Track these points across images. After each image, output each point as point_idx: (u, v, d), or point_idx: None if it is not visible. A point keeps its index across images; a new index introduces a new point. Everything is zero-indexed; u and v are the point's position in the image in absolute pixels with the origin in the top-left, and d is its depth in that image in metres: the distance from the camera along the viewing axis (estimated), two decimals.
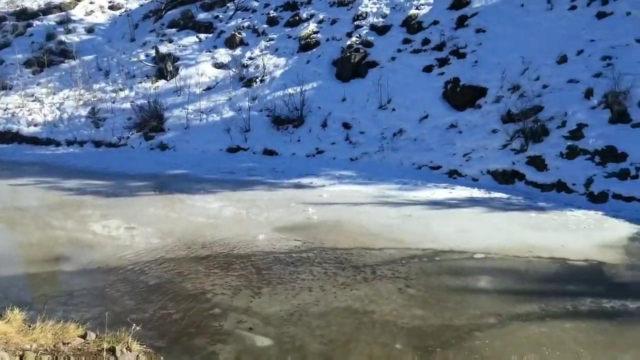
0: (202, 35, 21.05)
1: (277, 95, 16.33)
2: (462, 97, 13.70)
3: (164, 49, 20.45)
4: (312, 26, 19.14)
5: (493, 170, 11.12)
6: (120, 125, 17.18)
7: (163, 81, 19.11)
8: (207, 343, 4.28)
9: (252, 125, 15.58)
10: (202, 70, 18.88)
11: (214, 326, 4.57)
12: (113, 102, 18.42)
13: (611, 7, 13.87)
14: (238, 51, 19.50)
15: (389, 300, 5.14)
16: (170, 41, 21.10)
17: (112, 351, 3.40)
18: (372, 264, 6.12)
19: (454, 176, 11.46)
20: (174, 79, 18.93)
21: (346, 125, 14.64)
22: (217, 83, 18.37)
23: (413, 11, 17.71)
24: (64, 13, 24.34)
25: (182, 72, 19.14)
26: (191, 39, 21.00)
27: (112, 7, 25.49)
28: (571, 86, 12.12)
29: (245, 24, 20.70)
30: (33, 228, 7.69)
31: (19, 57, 21.62)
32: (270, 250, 6.60)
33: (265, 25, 20.33)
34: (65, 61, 21.30)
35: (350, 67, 16.59)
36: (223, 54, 19.61)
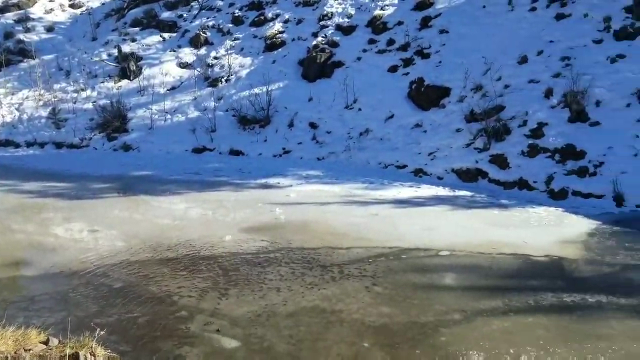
0: (166, 35, 20.77)
1: (243, 95, 16.24)
2: (427, 97, 13.87)
3: (126, 48, 20.10)
4: (277, 26, 19.10)
5: (457, 169, 11.30)
6: (82, 126, 16.81)
7: (126, 81, 18.78)
8: (174, 346, 4.24)
9: (218, 125, 15.46)
10: (167, 69, 18.63)
11: (181, 329, 4.52)
12: (74, 103, 18.00)
13: (569, 8, 14.27)
14: (203, 51, 19.31)
15: (356, 299, 5.18)
16: (133, 40, 20.76)
17: (75, 357, 3.33)
18: (339, 263, 6.15)
19: (419, 175, 11.61)
20: (137, 78, 18.62)
21: (313, 125, 14.66)
22: (181, 83, 18.15)
23: (378, 12, 17.85)
24: (22, 11, 23.67)
25: (146, 71, 18.86)
26: (155, 38, 20.70)
27: (72, 6, 24.92)
28: (532, 86, 12.41)
29: (210, 23, 20.52)
30: None
31: None
32: (237, 251, 6.56)
33: (231, 25, 20.19)
34: (24, 60, 20.71)
35: (316, 67, 16.62)
36: (188, 54, 19.39)
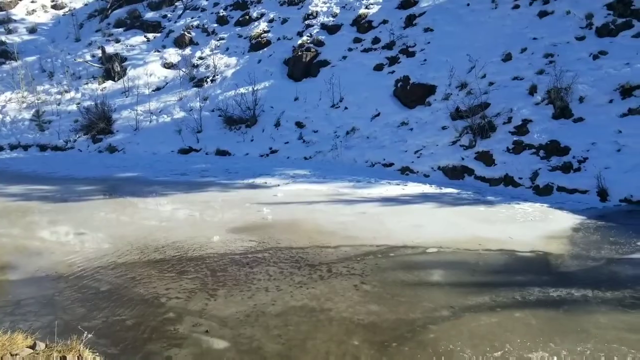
0: (150, 35, 20.66)
1: (229, 95, 16.21)
2: (412, 95, 13.94)
3: (110, 49, 19.97)
4: (262, 25, 19.08)
5: (443, 166, 11.36)
6: (66, 128, 16.67)
7: (110, 82, 18.65)
8: (163, 348, 4.22)
9: (204, 126, 15.40)
10: (151, 70, 18.54)
11: (169, 330, 4.50)
12: (58, 105, 17.84)
13: (552, 6, 14.42)
14: (188, 51, 19.24)
15: (344, 297, 5.19)
16: (117, 41, 20.62)
17: None
18: (327, 262, 6.16)
19: (406, 173, 11.65)
20: (121, 79, 18.51)
21: (299, 125, 14.66)
22: (166, 83, 18.07)
23: (363, 10, 17.90)
24: (3, 12, 23.40)
25: (130, 72, 18.74)
26: (139, 39, 20.58)
27: (55, 7, 24.70)
28: (516, 83, 12.53)
29: (195, 23, 20.45)
30: None
31: None
32: (225, 252, 6.55)
33: (215, 25, 20.14)
34: (7, 62, 20.48)
35: (302, 67, 16.63)
36: (172, 54, 19.30)
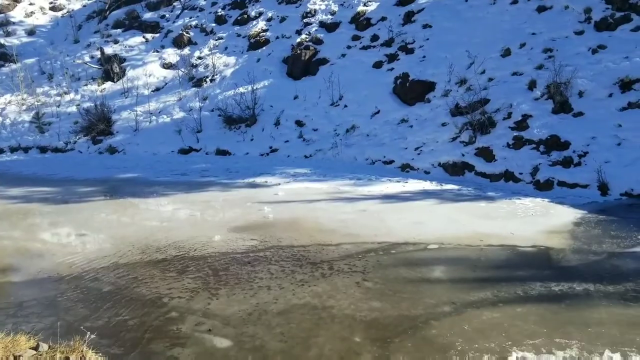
0: (149, 35, 20.66)
1: (228, 95, 16.21)
2: (412, 91, 13.93)
3: (109, 50, 19.97)
4: (261, 24, 19.07)
5: (444, 163, 11.36)
6: (66, 129, 16.67)
7: (110, 83, 18.66)
8: (166, 347, 4.22)
9: (203, 126, 15.41)
10: (150, 70, 18.53)
11: (172, 330, 4.51)
12: (58, 106, 17.84)
13: (550, 1, 14.41)
14: (186, 51, 19.23)
15: (346, 294, 5.19)
16: (116, 42, 20.62)
17: None
18: (329, 260, 6.16)
19: (406, 170, 11.65)
20: (121, 80, 18.51)
21: (299, 123, 14.65)
22: (166, 84, 18.07)
23: (361, 8, 17.89)
24: (2, 15, 23.40)
25: (130, 73, 18.74)
26: (137, 39, 20.58)
27: (53, 8, 24.68)
28: (515, 78, 12.52)
29: (193, 23, 20.44)
30: None
31: None
32: (226, 251, 6.55)
33: (214, 24, 20.13)
34: (6, 65, 20.48)
35: (301, 65, 16.62)
36: (171, 54, 19.30)
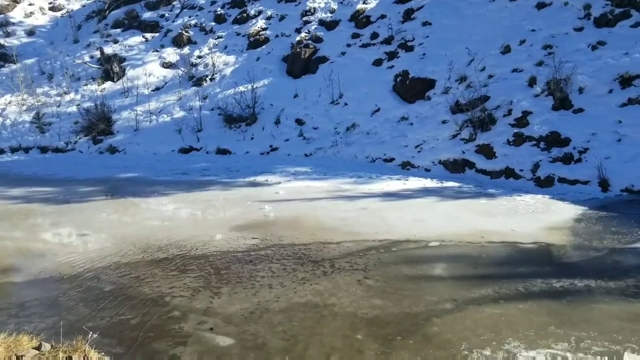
0: (149, 35, 20.66)
1: (228, 94, 16.21)
2: (412, 89, 13.93)
3: (109, 49, 19.97)
4: (260, 23, 19.07)
5: (444, 160, 11.37)
6: (67, 129, 16.69)
7: (110, 83, 18.66)
8: (168, 346, 4.23)
9: (204, 125, 15.41)
10: (150, 70, 18.54)
11: (174, 329, 4.51)
12: (58, 106, 17.85)
13: None
14: (186, 50, 19.23)
15: (348, 292, 5.20)
16: (116, 42, 20.62)
17: None
18: (330, 258, 6.17)
19: (407, 167, 11.66)
20: (121, 80, 18.51)
21: (299, 122, 14.66)
22: (166, 83, 18.07)
23: (361, 5, 17.89)
24: (2, 15, 23.41)
25: (129, 72, 18.74)
26: (137, 39, 20.58)
27: (52, 9, 24.68)
28: (515, 75, 12.52)
29: (193, 22, 20.44)
30: None
31: None
32: (228, 250, 6.56)
33: (213, 23, 20.13)
34: (6, 65, 20.49)
35: (301, 63, 16.62)
36: (171, 53, 19.30)
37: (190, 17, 20.85)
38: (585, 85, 11.25)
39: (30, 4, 24.63)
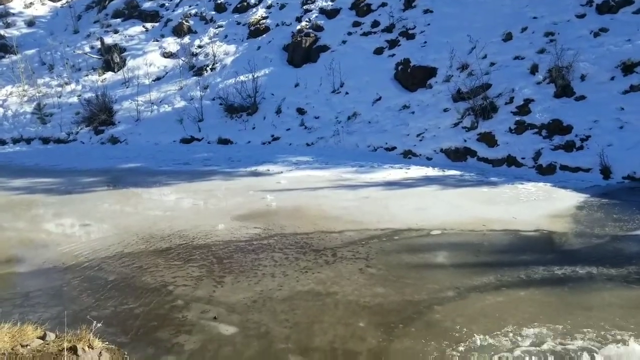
0: (149, 25, 20.58)
1: (229, 83, 16.18)
2: (413, 77, 13.88)
3: (109, 40, 19.90)
4: (260, 12, 18.97)
5: (446, 149, 11.35)
6: (68, 120, 16.68)
7: (110, 73, 18.63)
8: (171, 335, 4.26)
9: (205, 115, 15.39)
10: (151, 60, 18.48)
11: (178, 318, 4.54)
12: (59, 97, 17.83)
13: None
14: (186, 39, 19.16)
15: (350, 280, 5.22)
16: (116, 32, 20.55)
17: (73, 350, 3.34)
18: (332, 247, 6.19)
19: (408, 156, 11.65)
20: (121, 70, 18.47)
21: (300, 111, 14.63)
22: (166, 73, 18.03)
23: None
24: (2, 6, 23.34)
25: (130, 63, 18.70)
26: (137, 29, 20.50)
27: None
28: (517, 63, 12.47)
29: (193, 12, 20.34)
30: None
31: None
32: (230, 239, 6.58)
33: (213, 12, 20.03)
34: (6, 56, 20.45)
35: (302, 52, 16.56)
36: (171, 43, 19.24)
37: (190, 6, 20.74)
38: (587, 72, 11.21)
39: None
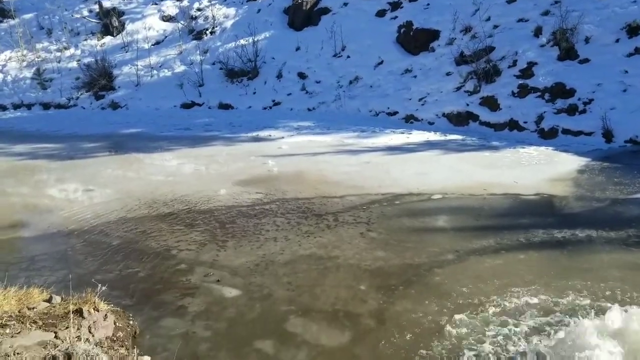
0: None
1: (229, 47, 16.00)
2: (416, 41, 13.71)
3: (107, 3, 19.60)
4: None
5: (448, 113, 11.30)
6: (68, 85, 16.57)
7: (109, 37, 18.41)
8: (176, 298, 4.33)
9: (205, 80, 15.27)
10: (150, 24, 18.24)
11: (182, 281, 4.61)
12: (59, 62, 17.68)
13: None
14: (185, 2, 18.87)
15: (351, 245, 5.28)
16: None
17: (79, 312, 3.41)
18: (334, 212, 6.23)
19: (410, 121, 11.60)
20: (120, 34, 18.25)
21: (301, 75, 14.50)
22: (166, 37, 17.81)
23: None
24: None
25: (129, 27, 18.46)
26: None
27: None
28: (521, 25, 12.29)
29: None
30: None
31: None
32: (232, 204, 6.62)
33: None
34: (4, 21, 20.20)
35: (302, 15, 16.31)
36: (170, 6, 18.95)
37: None
38: (592, 34, 11.05)
39: None
